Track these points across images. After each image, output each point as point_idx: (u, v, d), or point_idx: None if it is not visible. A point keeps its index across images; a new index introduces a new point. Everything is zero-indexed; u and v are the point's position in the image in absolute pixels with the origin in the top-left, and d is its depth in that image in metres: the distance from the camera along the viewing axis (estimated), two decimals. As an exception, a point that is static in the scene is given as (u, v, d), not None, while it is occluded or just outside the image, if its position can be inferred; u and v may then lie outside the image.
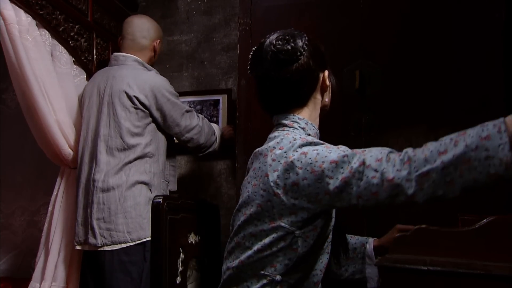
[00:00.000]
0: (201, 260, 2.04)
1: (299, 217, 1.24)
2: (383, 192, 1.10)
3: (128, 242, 2.00)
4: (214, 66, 2.84)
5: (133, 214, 2.02)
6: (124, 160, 2.05)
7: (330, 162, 1.18)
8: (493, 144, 0.96)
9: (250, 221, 1.30)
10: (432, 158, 1.04)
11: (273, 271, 1.28)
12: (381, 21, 1.93)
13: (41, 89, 2.06)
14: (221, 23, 2.85)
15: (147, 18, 2.35)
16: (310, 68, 1.37)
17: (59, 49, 2.24)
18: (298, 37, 1.37)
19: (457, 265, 0.99)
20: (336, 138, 1.45)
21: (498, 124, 0.97)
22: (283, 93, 1.39)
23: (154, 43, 2.31)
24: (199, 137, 2.25)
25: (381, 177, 1.11)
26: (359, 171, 1.14)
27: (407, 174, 1.07)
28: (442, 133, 1.80)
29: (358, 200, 1.15)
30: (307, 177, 1.20)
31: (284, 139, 1.31)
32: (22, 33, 1.99)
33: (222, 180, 2.77)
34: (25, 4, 2.04)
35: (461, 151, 0.99)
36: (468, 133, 1.01)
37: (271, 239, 1.26)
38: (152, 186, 2.11)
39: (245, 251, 1.31)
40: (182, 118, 2.18)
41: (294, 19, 2.04)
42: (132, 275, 2.00)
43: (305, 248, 1.27)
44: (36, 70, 2.03)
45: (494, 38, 1.77)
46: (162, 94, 2.12)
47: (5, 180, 2.92)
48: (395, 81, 1.89)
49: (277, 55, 1.35)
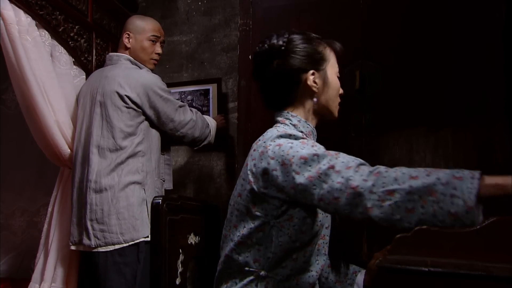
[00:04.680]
0: (201, 261, 2.04)
1: (272, 205, 1.25)
2: (344, 199, 1.10)
3: (121, 243, 1.99)
4: (214, 66, 2.84)
5: (126, 215, 2.00)
6: (116, 160, 2.03)
7: (300, 158, 1.18)
8: (463, 185, 0.97)
9: (233, 212, 1.34)
10: (401, 179, 1.04)
11: (257, 266, 1.28)
12: (382, 22, 1.93)
13: (40, 89, 2.06)
14: (221, 23, 2.85)
15: (136, 16, 2.34)
16: (287, 68, 1.37)
17: (58, 49, 2.24)
18: (277, 37, 1.39)
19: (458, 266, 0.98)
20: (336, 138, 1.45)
21: (475, 173, 0.99)
22: (267, 92, 1.44)
23: (123, 37, 2.25)
24: (194, 131, 2.22)
25: (345, 183, 1.10)
26: (326, 173, 1.13)
27: (372, 186, 1.06)
28: (442, 133, 1.81)
29: (320, 202, 1.15)
30: (277, 168, 1.22)
31: (268, 132, 1.34)
32: (21, 34, 1.99)
33: (222, 181, 2.76)
34: (25, 5, 2.03)
35: (431, 182, 1.00)
36: (444, 171, 1.02)
37: (249, 230, 1.28)
38: (146, 185, 2.09)
39: (229, 244, 1.33)
40: (176, 113, 2.15)
41: (294, 20, 2.04)
42: (126, 276, 1.99)
43: (281, 238, 1.26)
44: (35, 70, 2.03)
45: (494, 38, 1.77)
46: (154, 92, 2.09)
47: (5, 180, 2.91)
48: (395, 82, 1.89)
49: (256, 56, 1.42)
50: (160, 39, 2.29)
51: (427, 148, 1.83)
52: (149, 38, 2.24)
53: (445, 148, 1.80)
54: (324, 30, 1.99)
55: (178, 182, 2.83)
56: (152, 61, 2.29)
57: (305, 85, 1.38)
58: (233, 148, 2.69)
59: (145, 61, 2.26)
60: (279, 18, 2.08)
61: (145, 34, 2.24)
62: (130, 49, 2.24)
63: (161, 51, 2.31)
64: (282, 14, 2.08)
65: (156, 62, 2.32)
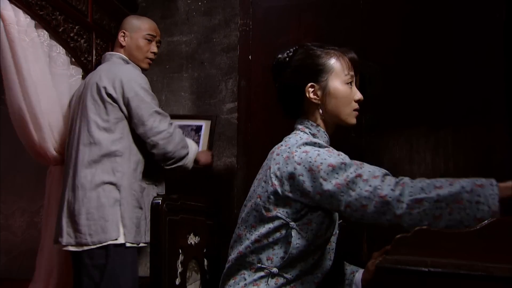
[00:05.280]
0: (201, 261, 2.04)
1: (294, 208, 1.29)
2: (373, 206, 1.16)
3: (89, 245, 1.93)
4: (214, 67, 2.83)
5: (95, 215, 1.93)
6: (90, 157, 1.98)
7: (328, 165, 1.23)
8: (486, 192, 1.07)
9: (251, 212, 1.36)
10: (427, 189, 1.12)
11: (269, 264, 1.32)
12: (382, 22, 1.93)
13: (36, 90, 2.06)
14: (221, 24, 2.85)
15: (132, 15, 2.34)
16: (287, 82, 1.45)
17: (56, 49, 2.24)
18: (284, 51, 1.47)
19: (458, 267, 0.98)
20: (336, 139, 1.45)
21: (491, 180, 1.09)
22: (280, 103, 1.51)
23: (118, 35, 2.22)
24: (166, 144, 2.05)
25: (374, 192, 1.16)
26: (354, 181, 1.19)
27: (399, 195, 1.14)
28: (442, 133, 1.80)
29: (346, 209, 1.21)
30: (303, 173, 1.26)
31: (291, 138, 1.39)
32: (20, 34, 1.99)
33: (222, 181, 2.76)
34: (25, 5, 2.03)
35: (457, 190, 1.09)
36: (464, 180, 1.11)
37: (268, 229, 1.31)
38: (121, 187, 2.00)
39: (244, 242, 1.36)
40: (150, 118, 2.03)
41: (294, 20, 2.04)
42: (94, 279, 1.94)
43: (299, 241, 1.30)
44: (32, 71, 2.04)
45: (494, 39, 1.77)
46: (130, 87, 2.01)
47: (5, 181, 2.92)
48: (395, 82, 1.88)
49: (271, 69, 1.51)
50: (156, 38, 2.26)
51: (427, 148, 1.82)
52: (145, 37, 2.22)
53: (445, 148, 1.79)
54: (324, 31, 2.00)
55: (179, 182, 2.82)
56: (147, 60, 2.25)
57: (308, 98, 1.43)
58: (233, 149, 2.69)
59: (140, 60, 2.22)
60: (279, 19, 2.08)
61: (141, 32, 2.22)
62: (125, 47, 2.21)
63: (157, 50, 2.27)
64: (282, 14, 2.08)
65: (151, 62, 2.28)
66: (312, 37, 1.98)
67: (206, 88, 2.84)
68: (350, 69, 1.44)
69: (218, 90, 2.82)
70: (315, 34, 1.99)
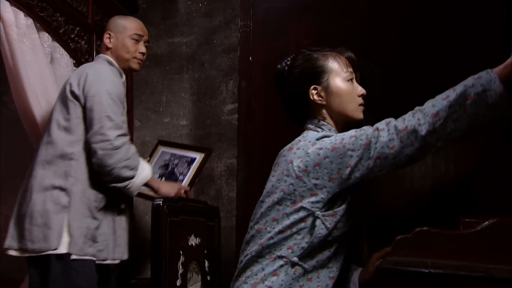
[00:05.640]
0: (201, 262, 2.04)
1: (319, 197, 1.33)
2: (399, 142, 1.24)
3: (30, 253, 1.79)
4: (214, 68, 2.84)
5: (39, 221, 1.78)
6: (44, 156, 1.86)
7: (350, 137, 1.32)
8: (486, 79, 1.19)
9: (272, 207, 1.39)
10: (438, 103, 1.23)
11: (290, 253, 1.35)
12: (382, 22, 1.93)
13: (35, 93, 2.06)
14: (222, 25, 2.85)
15: (117, 16, 2.22)
16: (291, 90, 1.50)
17: (59, 51, 2.24)
18: (282, 62, 1.53)
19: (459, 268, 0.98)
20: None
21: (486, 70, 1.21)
22: (287, 112, 1.56)
23: (104, 37, 2.09)
24: (106, 156, 1.81)
25: (394, 131, 1.26)
26: (374, 135, 1.28)
27: (418, 120, 1.23)
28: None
29: (376, 161, 1.27)
30: (328, 155, 1.32)
31: (309, 134, 1.44)
32: (19, 36, 2.00)
33: (223, 182, 2.76)
34: (26, 6, 2.04)
35: (462, 90, 1.20)
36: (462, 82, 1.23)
37: (292, 220, 1.35)
38: (72, 193, 1.82)
39: (265, 235, 1.38)
40: (98, 122, 1.83)
41: (294, 21, 2.04)
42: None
43: (322, 230, 1.32)
44: (30, 73, 2.04)
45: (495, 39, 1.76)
46: (92, 86, 1.86)
47: (5, 182, 2.91)
48: (396, 82, 1.88)
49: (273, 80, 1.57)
50: (143, 38, 2.12)
51: (427, 149, 1.82)
52: (131, 36, 2.08)
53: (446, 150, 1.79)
54: (325, 31, 2.00)
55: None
56: (136, 60, 2.10)
57: (313, 100, 1.47)
58: (233, 150, 2.69)
59: (129, 60, 2.08)
60: (279, 19, 2.08)
61: (127, 32, 2.08)
62: (111, 49, 2.07)
63: (145, 50, 2.14)
64: (282, 15, 2.08)
65: (141, 62, 2.14)
66: (313, 38, 1.98)
67: (207, 89, 2.84)
68: (348, 66, 1.48)
69: (218, 91, 2.82)
70: (316, 35, 1.99)
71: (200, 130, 2.84)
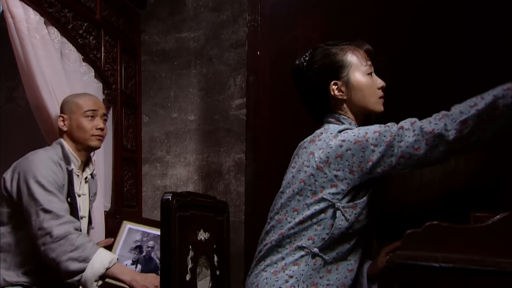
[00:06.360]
0: (211, 257, 2.04)
1: (339, 189, 1.35)
2: (425, 145, 1.25)
3: None
4: (222, 63, 2.83)
5: None
6: None
7: (373, 132, 1.33)
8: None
9: (293, 197, 1.41)
10: (466, 110, 1.22)
11: (310, 244, 1.36)
12: (390, 17, 1.91)
13: (48, 87, 2.07)
14: (229, 19, 2.85)
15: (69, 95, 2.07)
16: (311, 86, 1.51)
17: (68, 47, 2.26)
18: (300, 57, 1.53)
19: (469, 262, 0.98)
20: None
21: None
22: (306, 107, 1.57)
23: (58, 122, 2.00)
24: (48, 250, 1.71)
25: (420, 133, 1.26)
26: (399, 134, 1.29)
27: (445, 125, 1.23)
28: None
29: (399, 159, 1.29)
30: (351, 147, 1.33)
31: (330, 126, 1.46)
32: (30, 31, 2.01)
33: (231, 177, 2.76)
34: (34, 2, 2.05)
35: (491, 100, 1.19)
36: (489, 91, 1.22)
37: (313, 211, 1.36)
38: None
39: (286, 225, 1.40)
40: (35, 216, 1.74)
41: (302, 15, 2.03)
42: None
43: (342, 222, 1.34)
44: (43, 68, 2.05)
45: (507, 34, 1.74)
46: (22, 181, 1.79)
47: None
48: (404, 79, 1.87)
49: (291, 76, 1.57)
50: (98, 112, 2.01)
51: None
52: (85, 114, 1.97)
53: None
54: (332, 26, 1.99)
55: (187, 178, 2.84)
56: (94, 137, 1.98)
57: (333, 95, 1.48)
58: (241, 145, 2.69)
59: (87, 140, 1.97)
60: (287, 14, 2.07)
61: (80, 110, 1.97)
62: (67, 131, 1.97)
63: (103, 125, 2.02)
64: (290, 10, 2.07)
65: (102, 138, 2.02)
66: (320, 32, 1.97)
67: (215, 84, 2.84)
68: (367, 60, 1.49)
69: (226, 86, 2.83)
70: (323, 29, 1.98)
71: (208, 125, 2.84)
